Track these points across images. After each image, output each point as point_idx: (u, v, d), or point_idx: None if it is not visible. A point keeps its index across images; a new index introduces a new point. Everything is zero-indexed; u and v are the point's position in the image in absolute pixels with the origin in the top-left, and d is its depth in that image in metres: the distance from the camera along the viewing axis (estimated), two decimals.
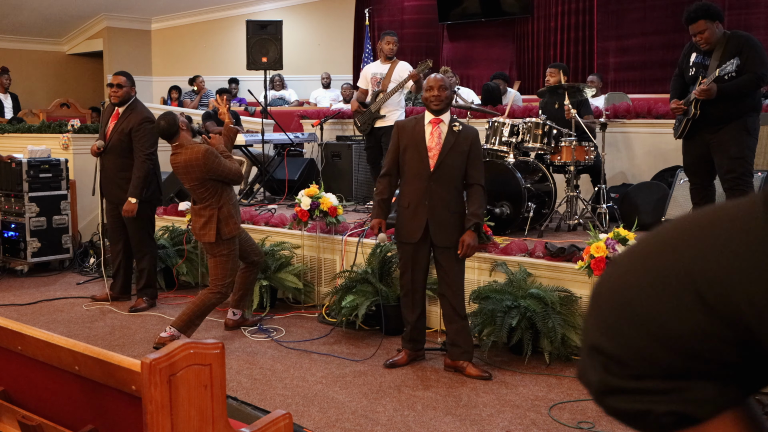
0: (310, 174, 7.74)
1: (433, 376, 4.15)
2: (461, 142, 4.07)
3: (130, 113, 5.49)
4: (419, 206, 4.09)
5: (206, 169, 4.54)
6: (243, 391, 3.95)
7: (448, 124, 4.11)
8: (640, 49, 10.06)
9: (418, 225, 4.10)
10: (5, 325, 2.05)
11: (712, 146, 4.66)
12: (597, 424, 3.50)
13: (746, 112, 4.55)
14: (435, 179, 4.07)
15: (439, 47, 12.34)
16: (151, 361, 1.65)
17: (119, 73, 5.64)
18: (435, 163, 4.06)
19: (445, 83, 4.11)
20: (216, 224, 4.63)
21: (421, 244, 4.12)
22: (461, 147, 4.07)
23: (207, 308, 4.67)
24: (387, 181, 4.25)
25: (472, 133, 4.14)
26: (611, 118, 6.42)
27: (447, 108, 4.14)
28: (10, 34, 13.67)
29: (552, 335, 4.20)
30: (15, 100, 10.10)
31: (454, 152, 4.06)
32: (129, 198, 5.37)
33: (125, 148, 5.47)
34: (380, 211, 4.31)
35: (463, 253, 4.01)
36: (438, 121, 4.12)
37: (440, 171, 4.07)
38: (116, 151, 5.50)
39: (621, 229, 4.12)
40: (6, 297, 6.01)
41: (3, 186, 6.90)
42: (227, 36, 13.68)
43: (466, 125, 4.20)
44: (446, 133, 4.09)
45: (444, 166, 4.06)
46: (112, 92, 5.51)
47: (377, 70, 6.72)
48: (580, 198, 5.65)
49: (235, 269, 4.80)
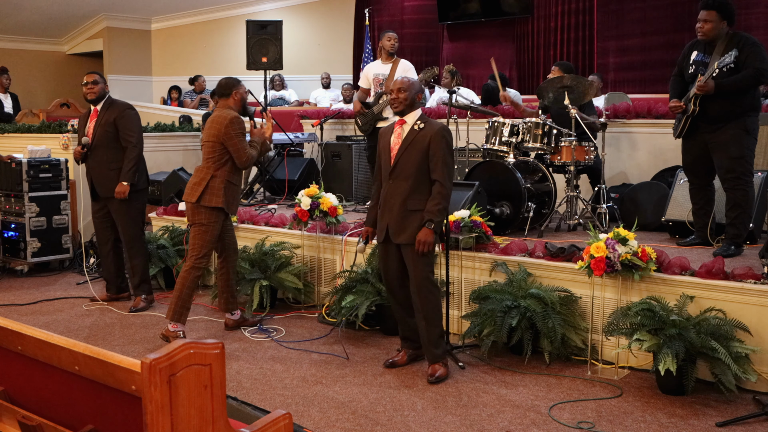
0: (310, 174, 7.74)
1: None
2: (420, 140, 4.05)
3: (108, 107, 5.53)
4: (384, 206, 4.16)
5: (224, 132, 4.67)
6: (243, 391, 3.95)
7: (412, 124, 4.12)
8: (640, 49, 10.06)
9: (383, 225, 4.17)
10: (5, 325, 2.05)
11: (712, 146, 4.65)
12: (597, 424, 3.50)
13: (745, 111, 4.55)
14: (393, 177, 4.11)
15: (439, 47, 12.34)
16: (151, 361, 1.64)
17: (92, 72, 5.70)
18: (393, 162, 4.11)
19: (404, 86, 4.12)
20: (203, 189, 4.69)
21: (387, 243, 4.17)
22: (420, 144, 4.05)
23: (189, 288, 4.72)
24: (376, 187, 4.34)
25: (434, 129, 4.06)
26: (611, 118, 6.42)
27: (409, 108, 4.13)
28: (10, 34, 13.68)
29: (552, 335, 4.20)
30: (15, 100, 10.10)
31: (412, 149, 4.06)
32: (121, 181, 5.40)
33: (112, 139, 5.49)
34: (369, 218, 4.41)
35: (419, 250, 3.99)
36: (402, 122, 4.16)
37: (397, 169, 4.10)
38: (103, 145, 5.50)
39: (621, 229, 4.11)
40: (6, 297, 6.01)
41: (3, 186, 6.90)
42: (227, 36, 13.69)
43: (431, 123, 4.14)
44: (407, 132, 4.11)
45: (400, 163, 4.09)
46: (87, 90, 5.54)
47: (379, 70, 6.71)
48: (580, 198, 5.65)
49: (211, 244, 4.79)
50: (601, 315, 4.28)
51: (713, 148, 4.64)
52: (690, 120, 4.69)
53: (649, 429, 3.46)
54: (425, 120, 4.15)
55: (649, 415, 3.61)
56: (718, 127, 4.59)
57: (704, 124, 4.65)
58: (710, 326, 3.77)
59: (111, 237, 5.70)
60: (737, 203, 4.61)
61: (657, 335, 3.80)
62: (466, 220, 4.82)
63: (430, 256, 4.12)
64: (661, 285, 4.13)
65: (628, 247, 4.04)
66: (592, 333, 4.33)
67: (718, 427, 3.46)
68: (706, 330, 3.75)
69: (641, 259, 4.03)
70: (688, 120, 4.69)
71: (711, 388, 3.84)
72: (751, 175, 4.65)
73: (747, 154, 4.59)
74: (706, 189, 4.89)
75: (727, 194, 4.69)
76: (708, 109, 4.59)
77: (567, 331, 4.27)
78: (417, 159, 4.04)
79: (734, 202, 4.62)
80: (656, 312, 3.89)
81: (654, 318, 3.86)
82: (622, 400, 3.79)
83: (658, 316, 3.86)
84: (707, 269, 4.04)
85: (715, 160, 4.66)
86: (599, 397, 3.85)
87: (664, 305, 3.94)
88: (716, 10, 4.56)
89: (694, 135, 4.74)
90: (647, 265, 4.06)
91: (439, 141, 4.03)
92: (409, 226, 4.05)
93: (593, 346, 4.31)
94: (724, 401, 3.73)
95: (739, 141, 4.55)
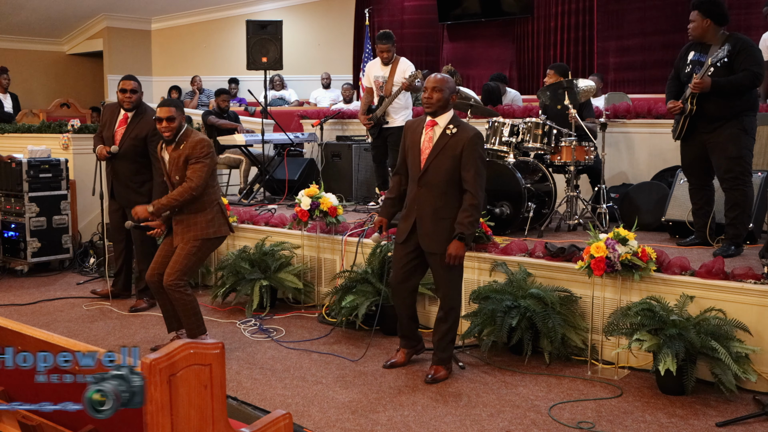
0: (310, 174, 7.74)
1: None
2: (452, 146, 3.90)
3: (140, 118, 5.43)
4: (411, 209, 4.07)
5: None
6: (243, 391, 3.95)
7: (444, 127, 3.98)
8: (640, 49, 10.06)
9: (405, 227, 4.08)
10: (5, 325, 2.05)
11: (710, 146, 4.66)
12: (597, 424, 3.50)
13: (743, 111, 4.56)
14: (423, 183, 3.99)
15: (439, 47, 12.33)
16: (151, 361, 1.65)
17: (130, 77, 5.52)
18: (423, 167, 3.98)
19: (440, 85, 3.97)
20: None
21: (406, 245, 4.10)
22: (452, 150, 3.89)
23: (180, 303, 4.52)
24: (397, 179, 4.22)
25: (467, 135, 3.90)
26: (611, 118, 6.42)
27: (442, 110, 3.98)
28: (10, 34, 13.68)
29: (552, 335, 4.20)
30: (15, 100, 10.10)
31: (444, 156, 3.92)
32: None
33: (139, 153, 5.42)
34: (384, 210, 4.31)
35: (448, 263, 3.92)
36: (433, 123, 4.01)
37: (428, 175, 3.97)
38: (129, 157, 5.43)
39: (621, 229, 4.11)
40: (6, 297, 6.01)
41: (3, 186, 6.90)
42: (227, 36, 13.69)
43: (464, 127, 3.98)
44: (438, 136, 3.98)
45: (431, 170, 3.95)
46: (125, 98, 5.41)
47: (379, 72, 6.69)
48: (580, 198, 5.65)
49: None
50: (601, 315, 4.28)
51: (711, 148, 4.64)
52: (688, 120, 4.69)
53: (649, 429, 3.46)
54: (458, 123, 3.99)
55: (649, 415, 3.61)
56: (716, 126, 4.59)
57: (702, 123, 4.65)
58: (710, 326, 3.77)
59: (124, 236, 5.67)
60: (736, 203, 4.61)
61: (657, 335, 3.80)
62: None
63: (461, 270, 4.09)
64: (661, 285, 4.13)
65: (628, 247, 4.04)
66: (592, 333, 4.33)
67: (718, 427, 3.46)
68: (706, 330, 3.75)
69: (641, 259, 4.03)
70: (686, 120, 4.70)
71: (711, 388, 3.84)
72: (749, 175, 4.65)
73: (745, 154, 4.59)
74: (705, 189, 4.89)
75: (726, 194, 4.69)
76: (705, 108, 4.60)
77: (567, 331, 4.27)
78: (448, 166, 3.91)
79: (733, 202, 4.62)
80: (656, 312, 3.88)
81: (654, 318, 3.86)
82: (622, 400, 3.79)
83: (658, 316, 3.86)
84: (707, 269, 4.05)
85: (713, 160, 4.66)
86: (599, 397, 3.85)
87: (664, 305, 3.94)
88: (697, 9, 4.62)
89: (692, 135, 4.75)
90: (647, 265, 4.06)
91: (472, 149, 3.89)
92: (439, 236, 3.95)
93: (593, 346, 4.31)
94: (724, 401, 3.73)
95: (737, 141, 4.55)
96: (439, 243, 3.95)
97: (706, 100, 4.57)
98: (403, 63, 6.59)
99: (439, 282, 4.10)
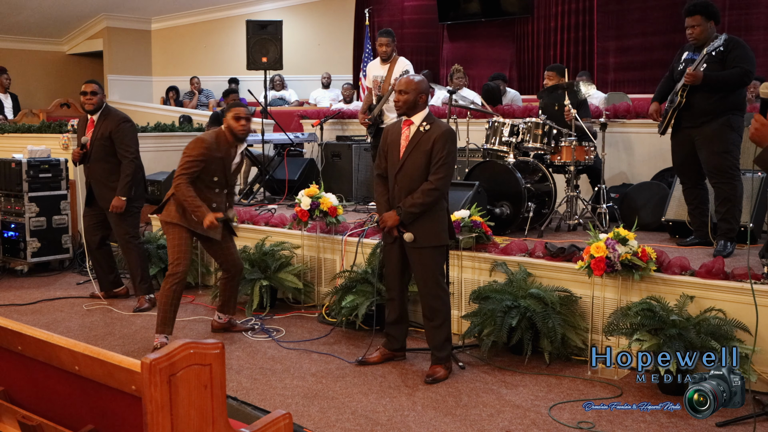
0: (310, 174, 7.74)
1: None
2: (425, 141, 4.02)
3: (105, 119, 5.54)
4: (391, 206, 4.15)
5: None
6: (243, 391, 3.95)
7: (418, 125, 4.08)
8: (640, 49, 10.06)
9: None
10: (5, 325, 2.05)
11: (697, 143, 4.70)
12: (597, 424, 3.50)
13: (730, 109, 4.62)
14: (399, 180, 4.09)
15: (439, 47, 12.34)
16: (151, 361, 1.64)
17: (91, 81, 5.68)
18: (399, 164, 4.08)
19: (405, 88, 4.08)
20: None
21: (392, 244, 4.17)
22: (425, 146, 4.01)
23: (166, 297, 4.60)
24: (379, 179, 4.27)
25: (439, 131, 4.01)
26: (611, 118, 6.42)
27: (413, 110, 4.09)
28: (10, 34, 13.67)
29: (552, 335, 4.20)
30: (15, 100, 10.11)
31: (417, 152, 4.03)
32: (118, 195, 5.42)
33: (109, 152, 5.52)
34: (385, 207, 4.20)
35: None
36: (409, 122, 4.13)
37: (402, 171, 4.07)
38: (101, 157, 5.54)
39: (621, 229, 4.11)
40: (6, 297, 6.01)
41: (3, 186, 6.90)
42: (227, 36, 13.68)
43: (438, 124, 4.09)
44: (413, 133, 4.08)
45: (406, 166, 4.06)
46: (86, 100, 5.55)
47: (378, 72, 6.69)
48: (580, 198, 5.66)
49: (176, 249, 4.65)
50: (601, 315, 4.28)
51: (698, 144, 4.69)
52: (676, 113, 4.73)
53: (649, 429, 3.46)
54: (431, 121, 4.10)
55: (649, 415, 3.60)
56: (703, 121, 4.64)
57: (688, 116, 4.69)
58: (710, 326, 3.77)
59: (98, 236, 5.76)
60: (726, 198, 4.64)
61: (657, 335, 3.80)
62: (466, 220, 4.82)
63: (440, 259, 4.13)
64: (661, 285, 4.13)
65: (628, 247, 4.04)
66: (592, 333, 4.33)
67: (718, 427, 3.46)
68: (706, 330, 3.74)
69: (641, 259, 4.03)
70: (674, 113, 4.74)
71: None
72: (737, 170, 4.67)
73: (732, 149, 4.63)
74: (698, 188, 4.91)
75: (715, 190, 4.72)
76: (694, 102, 4.65)
77: (567, 331, 4.27)
78: (421, 162, 4.02)
79: (723, 197, 4.65)
80: (656, 312, 3.88)
81: (654, 318, 3.86)
82: (622, 400, 3.79)
83: (658, 316, 3.86)
84: (707, 269, 4.05)
85: (701, 156, 4.70)
86: (599, 397, 3.85)
87: (664, 305, 3.94)
88: (700, 14, 4.66)
89: (680, 131, 4.78)
90: (647, 265, 4.06)
91: (442, 144, 3.99)
92: (417, 230, 4.02)
93: (593, 346, 4.31)
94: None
95: (723, 136, 4.60)
96: (417, 237, 4.02)
97: (695, 94, 4.61)
98: (401, 62, 6.58)
99: (417, 279, 4.15)
